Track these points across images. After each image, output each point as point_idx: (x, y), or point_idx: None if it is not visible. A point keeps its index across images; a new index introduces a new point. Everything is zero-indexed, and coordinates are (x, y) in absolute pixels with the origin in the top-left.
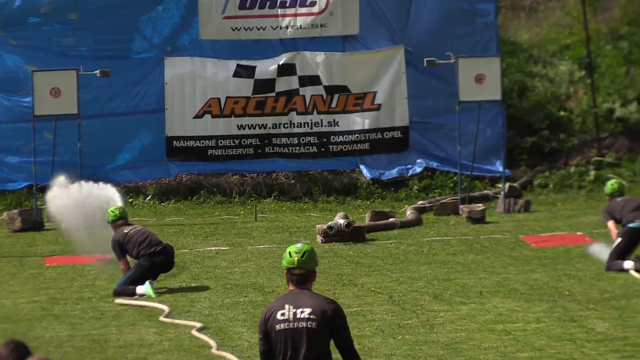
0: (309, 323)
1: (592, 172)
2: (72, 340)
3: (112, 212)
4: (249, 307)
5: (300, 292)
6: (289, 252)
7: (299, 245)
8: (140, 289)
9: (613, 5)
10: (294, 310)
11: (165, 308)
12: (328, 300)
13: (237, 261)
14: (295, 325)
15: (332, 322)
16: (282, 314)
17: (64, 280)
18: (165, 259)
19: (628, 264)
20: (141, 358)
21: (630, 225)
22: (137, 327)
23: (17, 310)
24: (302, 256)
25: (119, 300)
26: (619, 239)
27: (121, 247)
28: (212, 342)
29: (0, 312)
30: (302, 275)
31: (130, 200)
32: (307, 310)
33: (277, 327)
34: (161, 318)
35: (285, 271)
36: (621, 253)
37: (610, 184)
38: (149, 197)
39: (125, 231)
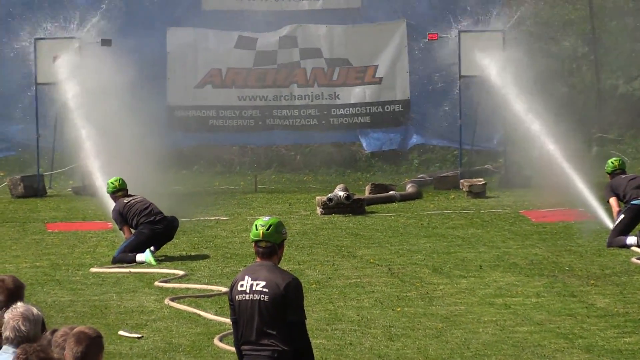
0: (261, 296)
1: (594, 149)
2: (73, 305)
3: (112, 183)
4: None
5: (261, 265)
6: (256, 225)
7: (266, 218)
8: (140, 257)
9: None
10: (251, 282)
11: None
12: (285, 275)
13: (236, 231)
14: (250, 297)
15: (284, 297)
16: (241, 285)
17: (66, 247)
18: (165, 227)
19: (631, 239)
20: (141, 324)
21: (634, 202)
22: (138, 294)
23: (20, 275)
24: (267, 229)
25: (94, 270)
26: (622, 216)
27: (122, 216)
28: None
29: None
30: (268, 248)
31: None
32: (262, 283)
33: (237, 297)
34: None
35: (253, 243)
36: (623, 229)
37: (611, 162)
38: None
39: (126, 201)
